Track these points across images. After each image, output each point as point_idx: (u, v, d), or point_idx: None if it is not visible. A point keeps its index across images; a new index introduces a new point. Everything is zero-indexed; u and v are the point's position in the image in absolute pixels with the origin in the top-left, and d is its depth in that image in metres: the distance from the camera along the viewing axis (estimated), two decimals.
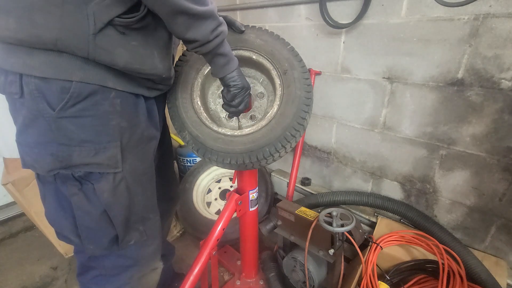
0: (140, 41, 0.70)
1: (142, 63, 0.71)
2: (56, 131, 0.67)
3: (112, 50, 0.65)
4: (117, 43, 0.66)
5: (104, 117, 0.70)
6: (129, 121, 0.76)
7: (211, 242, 1.07)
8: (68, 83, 0.64)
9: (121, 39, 0.66)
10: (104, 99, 0.69)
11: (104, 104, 0.69)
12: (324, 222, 1.03)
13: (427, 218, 1.25)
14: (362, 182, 1.57)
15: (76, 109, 0.67)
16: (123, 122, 0.74)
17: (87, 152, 0.70)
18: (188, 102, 0.90)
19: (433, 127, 1.20)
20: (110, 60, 0.66)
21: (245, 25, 0.92)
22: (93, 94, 0.67)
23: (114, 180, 0.76)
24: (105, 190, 0.75)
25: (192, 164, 2.10)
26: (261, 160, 0.85)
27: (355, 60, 1.36)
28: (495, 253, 1.18)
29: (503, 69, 0.98)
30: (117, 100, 0.71)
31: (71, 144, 0.69)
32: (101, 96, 0.69)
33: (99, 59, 0.65)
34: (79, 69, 0.64)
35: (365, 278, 1.07)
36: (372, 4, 1.19)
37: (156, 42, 0.74)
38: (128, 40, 0.68)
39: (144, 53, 0.72)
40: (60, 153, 0.69)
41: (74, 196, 0.74)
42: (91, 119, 0.69)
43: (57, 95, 0.64)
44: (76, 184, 0.73)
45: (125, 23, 0.65)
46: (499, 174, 1.09)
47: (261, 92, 1.00)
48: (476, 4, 0.97)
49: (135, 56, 0.70)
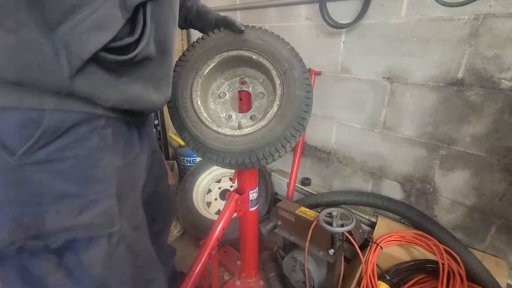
0: (134, 76, 0.55)
1: (134, 102, 0.57)
2: (17, 185, 0.47)
3: (95, 93, 0.50)
4: (103, 83, 0.51)
5: (92, 157, 0.53)
6: (125, 155, 0.61)
7: (211, 242, 1.07)
8: (38, 113, 0.46)
9: (109, 78, 0.51)
10: (91, 131, 0.52)
11: (92, 138, 0.52)
12: (324, 222, 1.03)
13: (427, 218, 1.25)
14: (362, 182, 1.57)
15: (50, 151, 0.48)
16: (117, 159, 0.58)
17: (68, 211, 0.51)
18: (188, 102, 0.90)
19: (433, 127, 1.20)
20: (92, 103, 0.51)
21: (245, 25, 0.92)
22: (77, 126, 0.50)
23: (110, 243, 0.56)
24: (97, 261, 0.54)
25: (192, 164, 2.11)
26: (261, 160, 0.85)
27: (355, 60, 1.36)
28: (495, 253, 1.18)
29: (503, 69, 0.98)
30: (107, 130, 0.55)
31: (43, 202, 0.49)
32: (88, 128, 0.51)
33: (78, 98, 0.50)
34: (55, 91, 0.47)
35: (365, 278, 1.06)
36: (372, 4, 1.19)
37: (154, 73, 0.61)
38: (119, 76, 0.53)
39: (137, 90, 0.57)
40: (25, 216, 0.48)
41: (50, 277, 0.52)
42: (73, 162, 0.50)
43: (19, 132, 0.45)
44: (53, 258, 0.52)
45: (118, 61, 0.50)
46: (499, 174, 1.09)
47: (261, 92, 1.00)
48: (476, 4, 0.97)
49: (126, 96, 0.55)
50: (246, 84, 1.01)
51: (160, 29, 0.58)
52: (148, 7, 0.53)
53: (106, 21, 0.47)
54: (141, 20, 0.52)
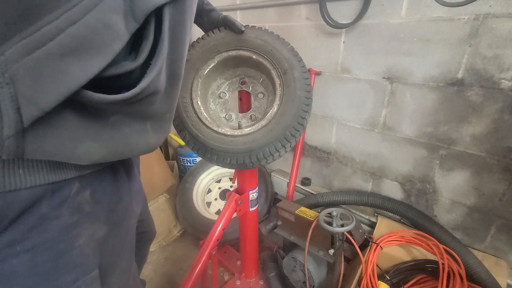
0: (128, 114, 0.38)
1: (122, 154, 0.41)
2: None
3: (62, 153, 0.33)
4: (77, 136, 0.33)
5: (61, 240, 0.38)
6: (110, 216, 0.46)
7: (211, 242, 1.07)
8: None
9: (88, 125, 0.34)
10: (58, 205, 0.37)
11: (60, 216, 0.37)
12: (324, 222, 1.03)
13: (427, 218, 1.25)
14: (362, 182, 1.57)
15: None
16: (100, 227, 0.44)
17: None
18: (188, 102, 0.90)
19: (433, 127, 1.20)
20: (56, 167, 0.36)
21: (245, 25, 0.92)
22: (33, 207, 0.35)
23: None
24: None
25: (192, 164, 2.11)
26: (261, 160, 0.85)
27: (355, 60, 1.36)
28: (495, 253, 1.18)
29: (503, 69, 0.98)
30: (84, 194, 0.40)
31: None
32: (51, 203, 0.36)
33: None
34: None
35: (365, 278, 1.06)
36: (372, 4, 1.19)
37: (157, 109, 0.43)
38: (105, 118, 0.36)
39: (131, 134, 0.40)
40: None
41: None
42: (30, 257, 0.35)
43: None
44: None
45: (108, 103, 0.33)
46: (499, 174, 1.09)
47: (261, 92, 1.00)
48: (476, 4, 0.97)
49: (113, 147, 0.38)
50: (246, 84, 1.01)
51: (175, 44, 0.40)
52: (166, 14, 0.36)
53: (97, 39, 0.30)
54: (151, 34, 0.35)
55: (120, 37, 0.32)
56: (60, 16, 0.27)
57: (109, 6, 0.30)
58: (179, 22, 0.40)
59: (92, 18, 0.29)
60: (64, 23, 0.27)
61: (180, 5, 0.39)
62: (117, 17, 0.31)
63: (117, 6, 0.31)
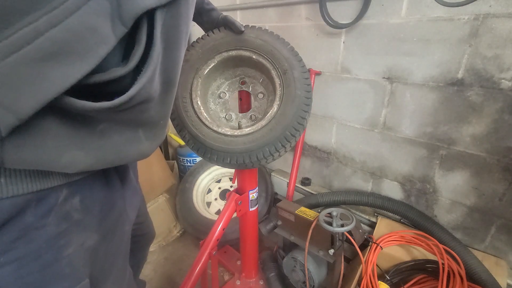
0: (118, 121, 0.37)
1: (112, 162, 0.39)
2: None
3: (47, 161, 0.32)
4: (63, 143, 0.32)
5: (48, 250, 0.37)
6: (102, 223, 0.44)
7: (211, 242, 1.07)
8: None
9: (75, 133, 0.33)
10: (45, 214, 0.36)
11: (46, 226, 0.36)
12: (324, 222, 1.03)
13: (427, 218, 1.25)
14: (362, 182, 1.57)
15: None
16: (91, 235, 0.42)
17: None
18: (188, 102, 0.90)
19: (433, 127, 1.20)
20: (40, 176, 0.35)
21: (245, 25, 0.92)
22: (17, 217, 0.34)
23: None
24: None
25: (192, 164, 2.11)
26: (261, 160, 0.85)
27: (355, 60, 1.36)
28: (495, 253, 1.18)
29: (503, 69, 0.98)
30: (73, 201, 0.39)
31: None
32: (36, 212, 0.35)
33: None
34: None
35: (365, 278, 1.06)
36: (372, 4, 1.19)
37: (150, 116, 0.41)
38: (93, 125, 0.35)
39: (121, 141, 0.39)
40: None
41: None
42: (14, 269, 0.34)
43: None
44: None
45: (95, 110, 0.32)
46: (499, 174, 1.09)
47: (261, 92, 1.00)
48: (476, 4, 0.97)
49: (102, 155, 0.37)
50: (246, 84, 1.01)
51: (169, 50, 0.39)
52: (158, 17, 0.35)
53: (80, 43, 0.28)
54: (143, 39, 0.34)
55: (106, 42, 0.30)
56: (40, 18, 0.26)
57: (94, 9, 0.29)
58: (173, 27, 0.39)
59: (74, 21, 0.27)
60: (43, 26, 0.26)
61: (174, 9, 0.37)
62: (103, 20, 0.30)
63: (103, 9, 0.30)
